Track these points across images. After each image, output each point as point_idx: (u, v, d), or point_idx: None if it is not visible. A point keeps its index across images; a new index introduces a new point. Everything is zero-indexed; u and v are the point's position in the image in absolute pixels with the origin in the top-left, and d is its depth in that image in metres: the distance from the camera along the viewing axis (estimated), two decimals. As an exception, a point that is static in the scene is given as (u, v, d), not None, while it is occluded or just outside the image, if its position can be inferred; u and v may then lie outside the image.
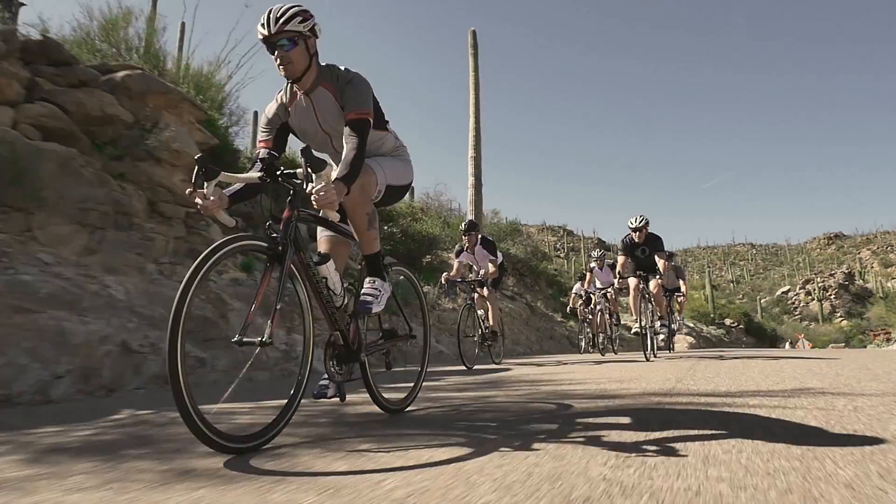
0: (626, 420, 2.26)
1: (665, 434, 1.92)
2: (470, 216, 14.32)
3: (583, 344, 10.96)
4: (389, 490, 1.31)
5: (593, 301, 9.69)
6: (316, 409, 2.86)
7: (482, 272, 6.79)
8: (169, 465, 1.64)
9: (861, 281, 57.35)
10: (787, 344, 29.61)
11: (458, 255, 6.92)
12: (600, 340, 9.58)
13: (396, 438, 1.98)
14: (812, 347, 24.68)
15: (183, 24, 10.41)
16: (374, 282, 2.33)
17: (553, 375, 4.76)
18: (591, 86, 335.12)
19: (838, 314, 50.40)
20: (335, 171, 2.10)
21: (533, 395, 3.26)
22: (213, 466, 1.62)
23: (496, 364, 6.64)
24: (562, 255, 48.67)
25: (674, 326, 9.14)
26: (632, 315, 7.82)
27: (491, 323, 6.73)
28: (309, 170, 1.88)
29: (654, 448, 1.69)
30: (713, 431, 1.94)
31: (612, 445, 1.76)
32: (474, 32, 16.64)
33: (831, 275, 58.83)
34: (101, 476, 1.53)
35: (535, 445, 1.78)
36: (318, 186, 1.86)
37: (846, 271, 59.85)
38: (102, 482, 1.46)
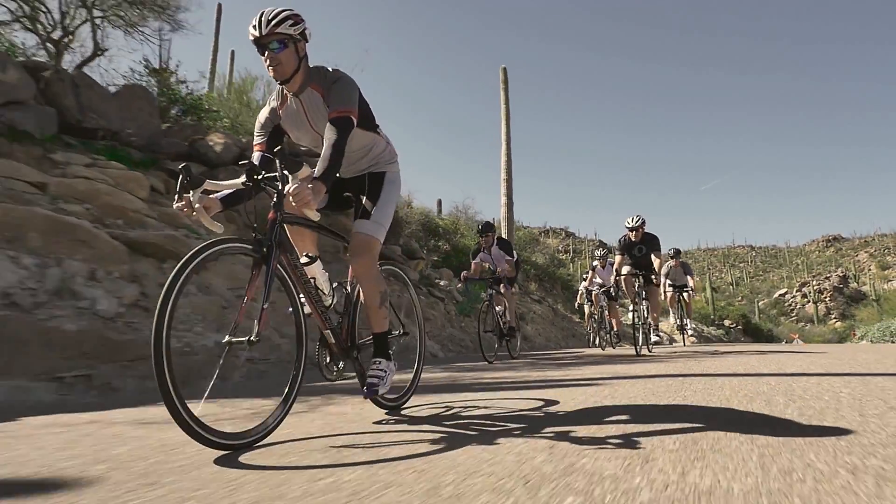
0: (682, 357, 5.43)
1: (697, 359, 5.10)
2: (505, 232, 17.34)
3: (591, 337, 12.46)
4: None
5: (595, 298, 10.32)
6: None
7: (499, 270, 7.14)
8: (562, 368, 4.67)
9: (855, 284, 60.84)
10: (783, 342, 32.78)
11: (474, 255, 7.26)
12: (602, 336, 10.25)
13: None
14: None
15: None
16: (379, 363, 2.41)
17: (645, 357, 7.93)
18: (589, 86, 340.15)
19: (833, 316, 53.95)
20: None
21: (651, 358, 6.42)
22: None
23: (513, 357, 7.13)
24: (567, 258, 51.83)
25: (686, 321, 10.72)
26: (629, 308, 8.31)
27: (508, 318, 7.12)
28: (285, 171, 2.00)
29: (695, 359, 4.86)
30: (716, 356, 5.12)
31: (683, 357, 4.91)
32: (505, 70, 19.48)
33: (826, 278, 62.67)
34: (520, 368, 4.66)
35: (663, 360, 4.93)
36: (294, 187, 1.95)
37: (840, 275, 63.51)
38: (524, 365, 4.57)
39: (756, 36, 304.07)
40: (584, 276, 14.59)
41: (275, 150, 2.14)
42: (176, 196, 2.01)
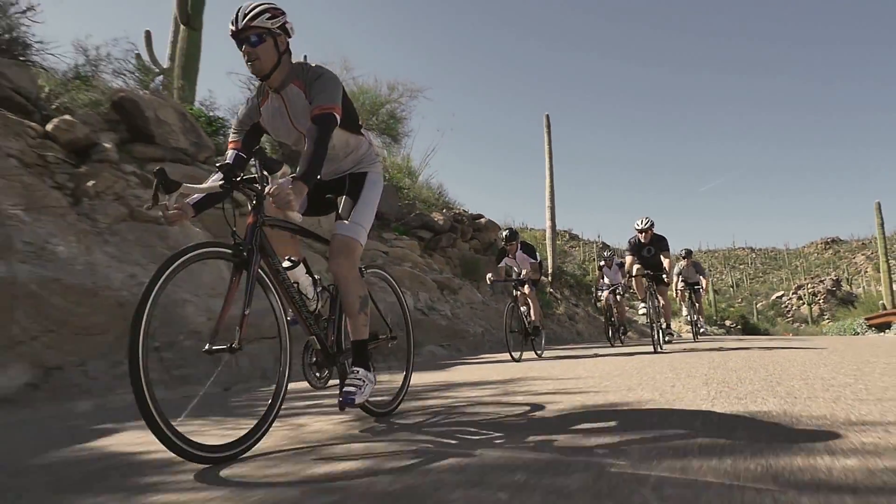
0: (693, 349, 11.22)
1: (704, 355, 10.92)
2: (549, 250, 22.87)
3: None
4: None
5: (605, 297, 11.22)
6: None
7: (523, 273, 7.78)
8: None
9: (848, 287, 66.35)
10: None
11: (499, 259, 8.05)
12: (610, 333, 11.08)
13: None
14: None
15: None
16: (357, 372, 2.41)
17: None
18: (588, 87, 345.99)
19: (826, 317, 58.13)
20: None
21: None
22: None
23: (538, 355, 7.60)
24: (579, 260, 56.28)
25: (696, 317, 12.75)
26: (639, 310, 9.22)
27: (533, 318, 7.66)
28: (264, 172, 2.06)
29: (697, 348, 10.71)
30: (725, 347, 10.91)
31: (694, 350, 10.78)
32: (548, 117, 24.93)
33: (821, 281, 68.35)
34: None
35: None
36: (275, 187, 2.00)
37: (834, 278, 69.27)
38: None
39: (756, 37, 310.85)
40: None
41: (253, 149, 2.19)
42: (151, 200, 2.04)
